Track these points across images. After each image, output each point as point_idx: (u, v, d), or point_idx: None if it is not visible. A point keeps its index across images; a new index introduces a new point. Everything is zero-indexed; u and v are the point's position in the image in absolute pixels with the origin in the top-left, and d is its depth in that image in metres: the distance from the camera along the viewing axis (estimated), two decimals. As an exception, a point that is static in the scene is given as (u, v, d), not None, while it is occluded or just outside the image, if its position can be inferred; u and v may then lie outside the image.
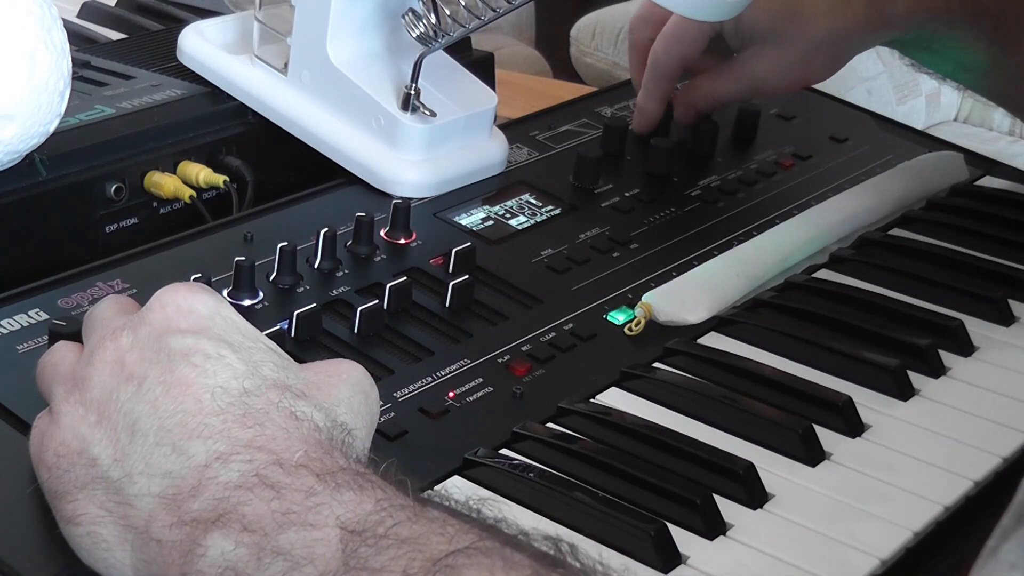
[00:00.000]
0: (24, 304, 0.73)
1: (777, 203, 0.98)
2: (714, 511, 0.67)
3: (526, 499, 0.66)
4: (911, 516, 0.69)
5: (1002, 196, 1.03)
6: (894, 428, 0.76)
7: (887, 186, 1.00)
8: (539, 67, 2.72)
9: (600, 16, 2.75)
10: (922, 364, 0.81)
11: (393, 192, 0.90)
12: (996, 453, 0.74)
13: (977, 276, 0.91)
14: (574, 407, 0.74)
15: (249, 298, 0.76)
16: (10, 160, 0.80)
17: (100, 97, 0.92)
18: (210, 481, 0.54)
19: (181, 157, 0.90)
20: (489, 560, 0.50)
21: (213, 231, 0.84)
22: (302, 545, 0.52)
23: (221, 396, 0.57)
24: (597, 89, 1.19)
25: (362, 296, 0.79)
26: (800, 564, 0.65)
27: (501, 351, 0.78)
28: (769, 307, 0.85)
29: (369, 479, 0.54)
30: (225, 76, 0.95)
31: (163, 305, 0.60)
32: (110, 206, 0.86)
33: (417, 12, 0.90)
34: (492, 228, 0.89)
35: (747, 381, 0.78)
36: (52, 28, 0.78)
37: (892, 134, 1.11)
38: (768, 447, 0.73)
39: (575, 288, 0.85)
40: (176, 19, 1.18)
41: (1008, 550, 0.44)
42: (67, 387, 0.59)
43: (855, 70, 2.19)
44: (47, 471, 0.58)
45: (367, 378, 0.63)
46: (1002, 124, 2.58)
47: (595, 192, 0.95)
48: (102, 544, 0.56)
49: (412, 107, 0.90)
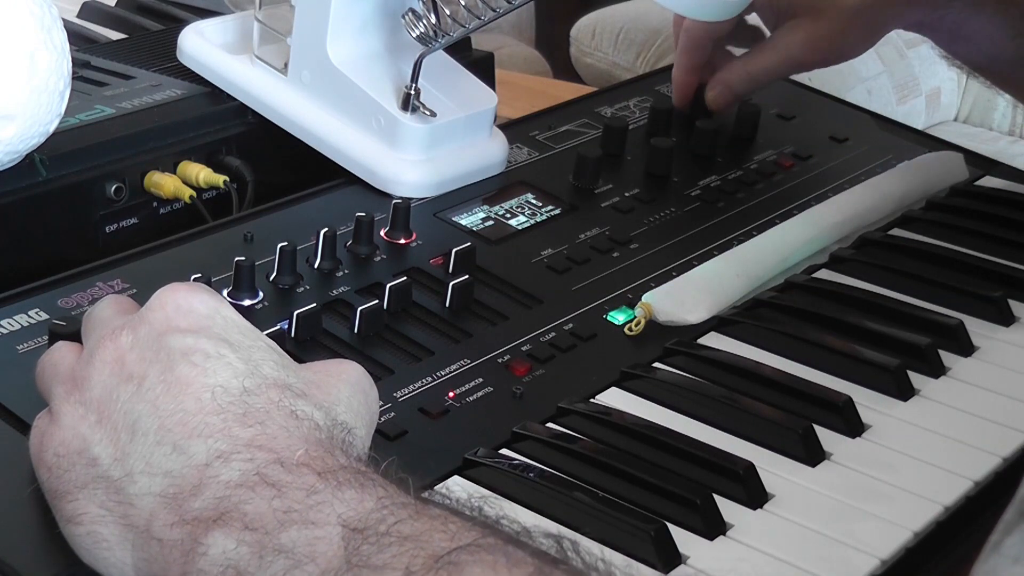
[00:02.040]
0: (24, 304, 0.73)
1: (777, 203, 0.98)
2: (714, 511, 0.67)
3: (526, 499, 0.66)
4: (911, 516, 0.69)
5: (1002, 196, 1.03)
6: (894, 428, 0.76)
7: (887, 186, 1.00)
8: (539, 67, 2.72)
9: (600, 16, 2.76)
10: (922, 364, 0.81)
11: (393, 192, 0.90)
12: (996, 453, 0.74)
13: (977, 276, 0.91)
14: (574, 407, 0.74)
15: (249, 298, 0.76)
16: (10, 160, 0.80)
17: (100, 97, 0.92)
18: (211, 480, 0.55)
19: (181, 157, 0.90)
20: (492, 557, 0.50)
21: (213, 231, 0.84)
22: (304, 543, 0.52)
23: (221, 395, 0.57)
24: (597, 89, 1.19)
25: (362, 296, 0.79)
26: (800, 564, 0.65)
27: (501, 351, 0.78)
28: (769, 307, 0.85)
29: (370, 477, 0.54)
30: (225, 76, 0.95)
31: (163, 305, 0.60)
32: (110, 206, 0.86)
33: (417, 12, 0.90)
34: (492, 228, 0.89)
35: (747, 381, 0.78)
36: (52, 28, 0.78)
37: (892, 134, 1.11)
38: (768, 447, 0.73)
39: (575, 288, 0.85)
40: (176, 19, 1.18)
41: (1011, 544, 0.44)
42: (67, 387, 0.59)
43: (855, 70, 2.19)
44: (47, 471, 0.58)
45: (367, 378, 0.63)
46: (1002, 124, 2.58)
47: (595, 192, 0.95)
48: (103, 544, 0.56)
49: (412, 107, 0.90)
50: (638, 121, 1.06)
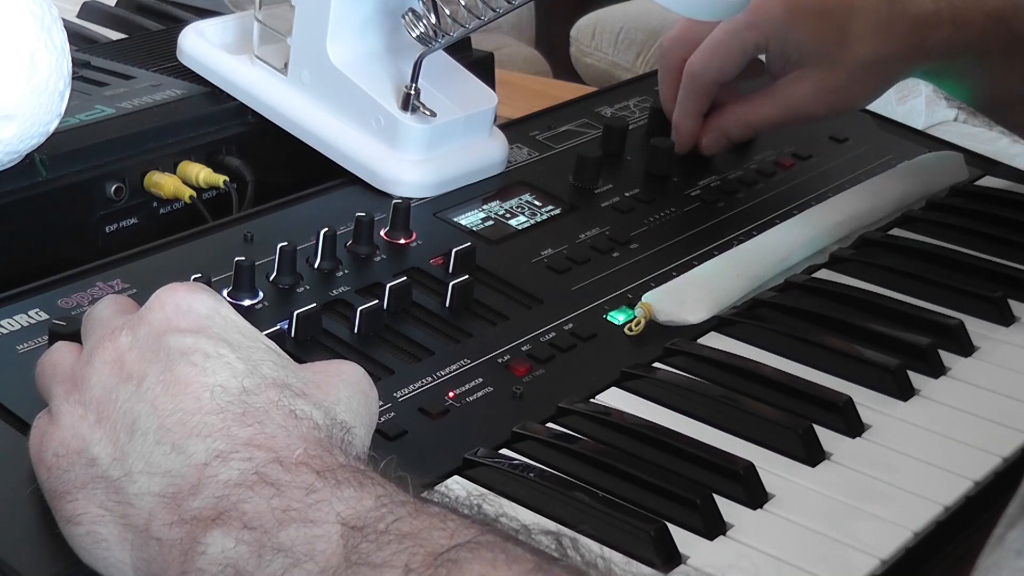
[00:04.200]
0: (24, 304, 0.73)
1: (777, 203, 0.98)
2: (714, 511, 0.67)
3: (526, 499, 0.66)
4: (911, 516, 0.69)
5: (1002, 196, 1.03)
6: (894, 428, 0.76)
7: (887, 186, 1.00)
8: (539, 67, 2.72)
9: (600, 16, 2.76)
10: (922, 364, 0.81)
11: (393, 192, 0.90)
12: (996, 453, 0.74)
13: (977, 276, 0.91)
14: (574, 407, 0.74)
15: (249, 298, 0.76)
16: (10, 160, 0.80)
17: (100, 97, 0.92)
18: (210, 479, 0.55)
19: (181, 157, 0.90)
20: (491, 554, 0.50)
21: (213, 231, 0.84)
22: (303, 542, 0.52)
23: (220, 395, 0.57)
24: (597, 89, 1.18)
25: (362, 296, 0.79)
26: (800, 564, 0.65)
27: (501, 351, 0.78)
28: (769, 307, 0.85)
29: (369, 476, 0.54)
30: (225, 76, 0.95)
31: (162, 305, 0.60)
32: (110, 206, 0.86)
33: (417, 12, 0.90)
34: (492, 228, 0.89)
35: (747, 381, 0.78)
36: (52, 28, 0.78)
37: (892, 134, 1.11)
38: (768, 447, 0.73)
39: (575, 288, 0.85)
40: (176, 19, 1.18)
41: (1014, 538, 0.44)
42: (66, 387, 0.59)
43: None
44: (47, 471, 0.58)
45: (366, 379, 0.63)
46: (1002, 124, 2.58)
47: (595, 192, 0.95)
48: (102, 543, 0.56)
49: (412, 107, 0.90)
50: (638, 121, 1.06)
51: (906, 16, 0.98)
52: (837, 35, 0.98)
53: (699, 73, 1.01)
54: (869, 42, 0.98)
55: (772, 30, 0.98)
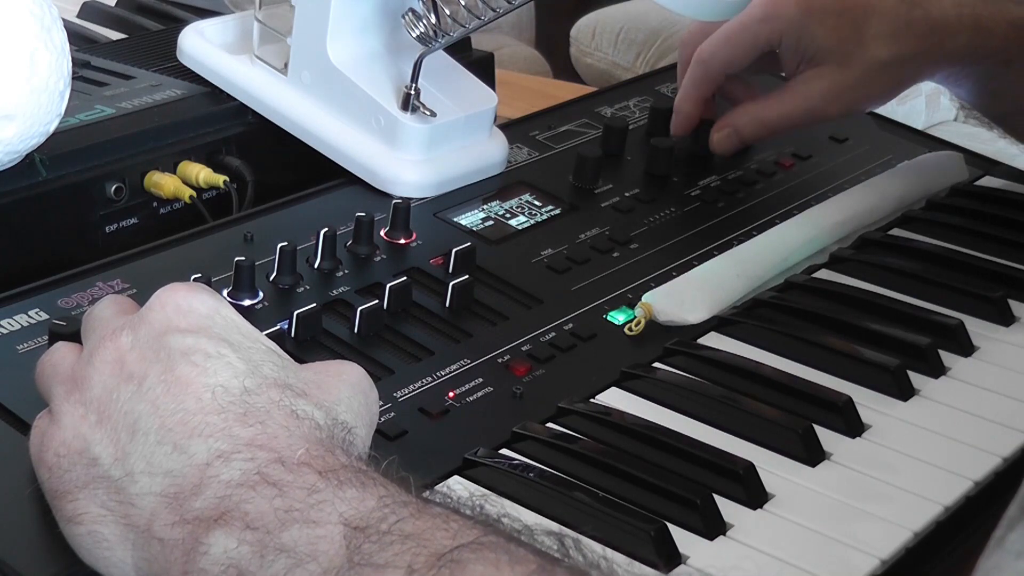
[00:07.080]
0: (24, 304, 0.73)
1: (777, 203, 0.98)
2: (714, 511, 0.67)
3: (526, 499, 0.66)
4: (911, 516, 0.69)
5: (1002, 196, 1.03)
6: (894, 428, 0.76)
7: (887, 186, 1.00)
8: (539, 67, 2.72)
9: (600, 16, 2.76)
10: (922, 364, 0.81)
11: (393, 192, 0.90)
12: (996, 453, 0.74)
13: (977, 276, 0.91)
14: (574, 407, 0.74)
15: (249, 298, 0.76)
16: (10, 160, 0.80)
17: (100, 97, 0.92)
18: (212, 479, 0.55)
19: (181, 157, 0.90)
20: (494, 555, 0.50)
21: (213, 231, 0.84)
22: (305, 542, 0.52)
23: (222, 395, 0.57)
24: (597, 89, 1.18)
25: (362, 296, 0.79)
26: (800, 564, 0.65)
27: (501, 351, 0.78)
28: (769, 307, 0.85)
29: (371, 476, 0.54)
30: (225, 76, 0.95)
31: (163, 305, 0.60)
32: (110, 206, 0.86)
33: (417, 12, 0.90)
34: (492, 228, 0.89)
35: (747, 381, 0.78)
36: (52, 28, 0.78)
37: (892, 134, 1.11)
38: (768, 447, 0.73)
39: (575, 288, 0.85)
40: (176, 19, 1.18)
41: (1014, 539, 0.44)
42: (67, 387, 0.59)
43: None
44: (47, 471, 0.58)
45: (366, 379, 0.63)
46: (1002, 124, 2.57)
47: (595, 192, 0.95)
48: (103, 543, 0.56)
49: (412, 107, 0.90)
50: (638, 121, 1.06)
51: (927, 20, 0.97)
52: (854, 34, 0.97)
53: (707, 60, 1.01)
54: (886, 42, 0.97)
55: (786, 26, 0.98)
